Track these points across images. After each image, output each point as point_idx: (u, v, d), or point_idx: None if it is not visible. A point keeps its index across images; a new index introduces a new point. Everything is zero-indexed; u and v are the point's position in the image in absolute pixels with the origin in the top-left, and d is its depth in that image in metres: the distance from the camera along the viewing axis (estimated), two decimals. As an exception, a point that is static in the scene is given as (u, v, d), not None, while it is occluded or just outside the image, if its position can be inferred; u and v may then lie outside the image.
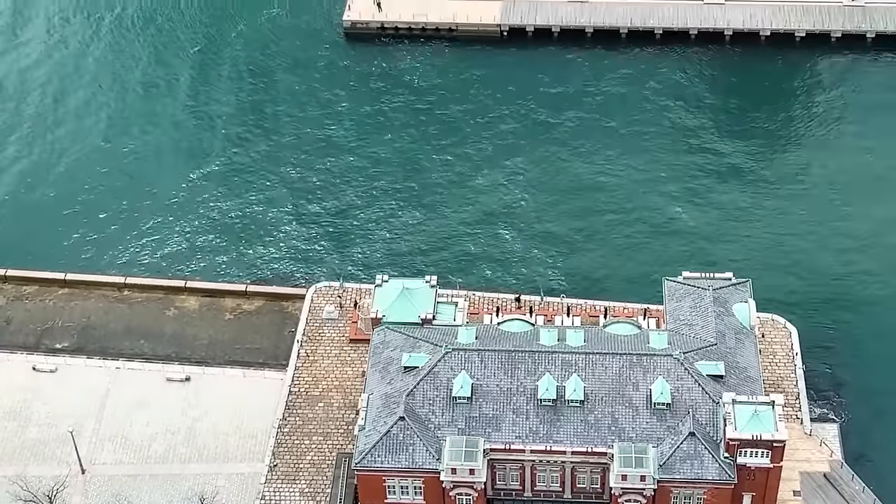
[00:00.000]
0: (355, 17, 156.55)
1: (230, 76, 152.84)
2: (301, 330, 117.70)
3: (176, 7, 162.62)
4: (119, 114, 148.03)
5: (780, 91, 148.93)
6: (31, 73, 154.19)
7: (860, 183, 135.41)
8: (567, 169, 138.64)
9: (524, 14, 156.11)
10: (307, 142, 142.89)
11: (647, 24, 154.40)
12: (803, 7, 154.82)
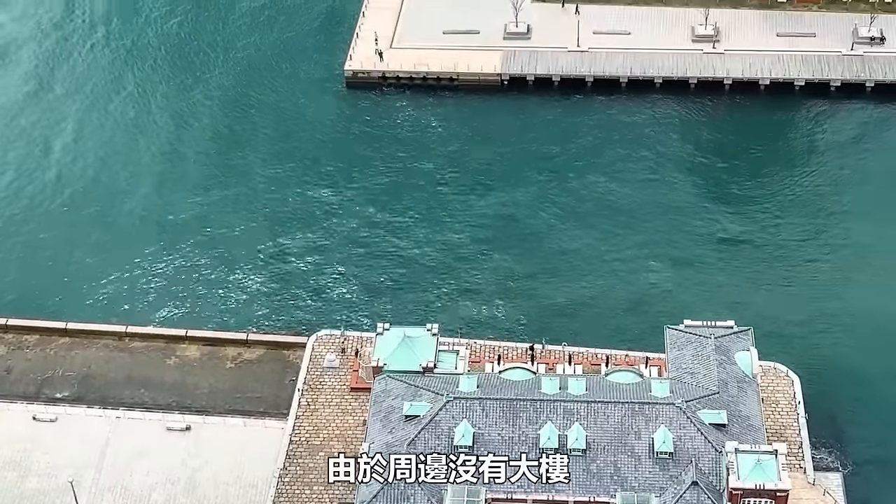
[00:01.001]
0: (357, 67, 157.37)
1: (228, 126, 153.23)
2: (302, 379, 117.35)
3: (177, 52, 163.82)
4: (117, 164, 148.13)
5: (779, 139, 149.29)
6: (21, 117, 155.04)
7: (862, 231, 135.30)
8: (568, 216, 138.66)
9: (524, 64, 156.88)
10: (307, 190, 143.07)
11: (647, 73, 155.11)
12: (802, 56, 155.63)
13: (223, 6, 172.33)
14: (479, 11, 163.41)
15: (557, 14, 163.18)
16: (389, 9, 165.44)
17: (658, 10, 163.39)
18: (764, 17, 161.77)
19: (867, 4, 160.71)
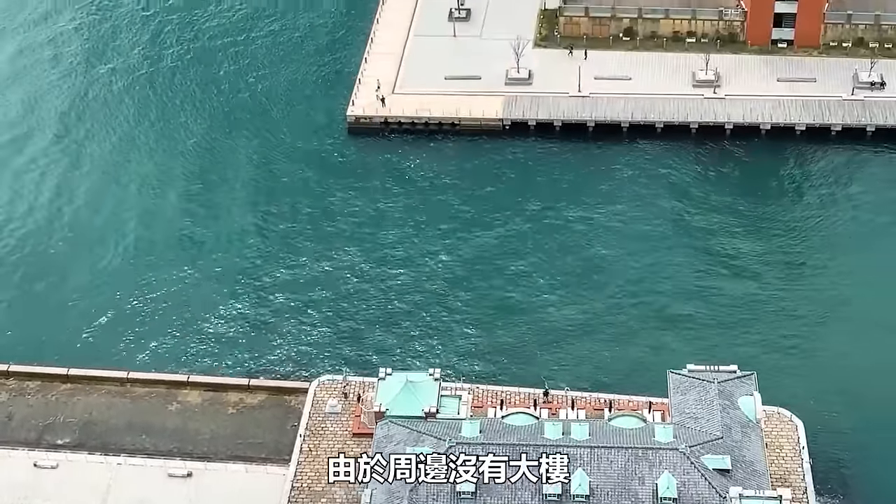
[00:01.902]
0: (359, 113, 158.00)
1: (231, 169, 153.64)
2: (304, 424, 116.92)
3: (176, 96, 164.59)
4: (117, 208, 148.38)
5: (780, 184, 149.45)
6: (11, 159, 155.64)
7: (864, 276, 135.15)
8: (568, 261, 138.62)
9: (526, 108, 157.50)
10: (309, 235, 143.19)
11: (648, 118, 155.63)
12: (803, 101, 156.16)
13: (223, 51, 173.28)
14: (480, 57, 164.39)
15: (559, 60, 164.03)
16: (392, 54, 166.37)
17: (659, 55, 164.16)
18: (764, 62, 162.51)
19: (867, 50, 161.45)
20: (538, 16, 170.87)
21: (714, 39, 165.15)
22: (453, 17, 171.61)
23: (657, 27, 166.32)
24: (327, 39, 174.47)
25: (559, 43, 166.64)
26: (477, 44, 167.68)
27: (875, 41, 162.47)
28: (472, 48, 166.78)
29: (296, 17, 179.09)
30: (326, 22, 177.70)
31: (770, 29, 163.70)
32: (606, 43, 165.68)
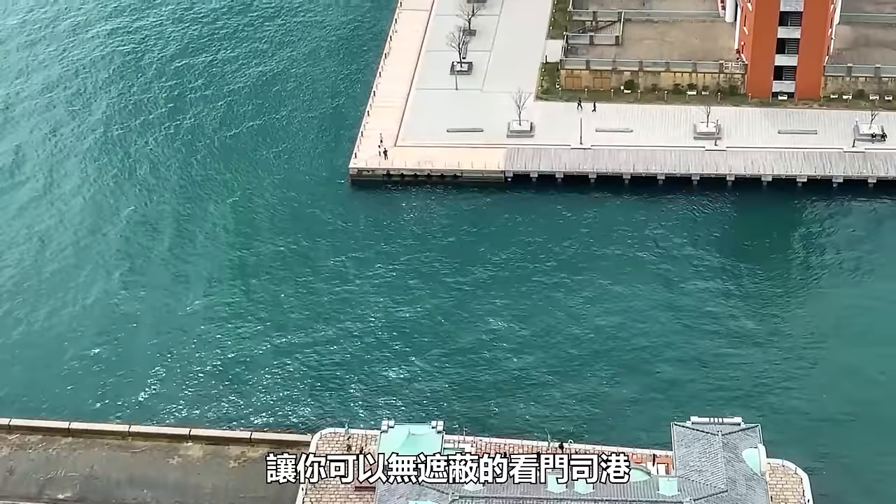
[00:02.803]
0: (361, 165, 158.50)
1: (232, 222, 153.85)
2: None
3: (179, 148, 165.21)
4: (109, 258, 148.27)
5: (782, 236, 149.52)
6: (16, 210, 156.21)
7: (867, 329, 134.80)
8: (571, 311, 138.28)
9: (528, 161, 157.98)
10: (310, 287, 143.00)
11: (650, 170, 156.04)
12: (804, 153, 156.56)
13: (226, 102, 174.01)
14: (482, 110, 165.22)
15: (560, 112, 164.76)
16: (394, 107, 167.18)
17: (660, 108, 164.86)
18: (765, 114, 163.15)
19: (868, 102, 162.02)
20: (539, 69, 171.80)
21: (715, 92, 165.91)
22: (455, 70, 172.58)
23: (658, 80, 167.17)
24: (329, 92, 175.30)
25: (560, 96, 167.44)
26: (479, 97, 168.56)
27: (875, 93, 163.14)
28: (474, 101, 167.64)
29: (298, 69, 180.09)
30: (329, 75, 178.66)
31: (770, 81, 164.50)
32: (608, 95, 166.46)
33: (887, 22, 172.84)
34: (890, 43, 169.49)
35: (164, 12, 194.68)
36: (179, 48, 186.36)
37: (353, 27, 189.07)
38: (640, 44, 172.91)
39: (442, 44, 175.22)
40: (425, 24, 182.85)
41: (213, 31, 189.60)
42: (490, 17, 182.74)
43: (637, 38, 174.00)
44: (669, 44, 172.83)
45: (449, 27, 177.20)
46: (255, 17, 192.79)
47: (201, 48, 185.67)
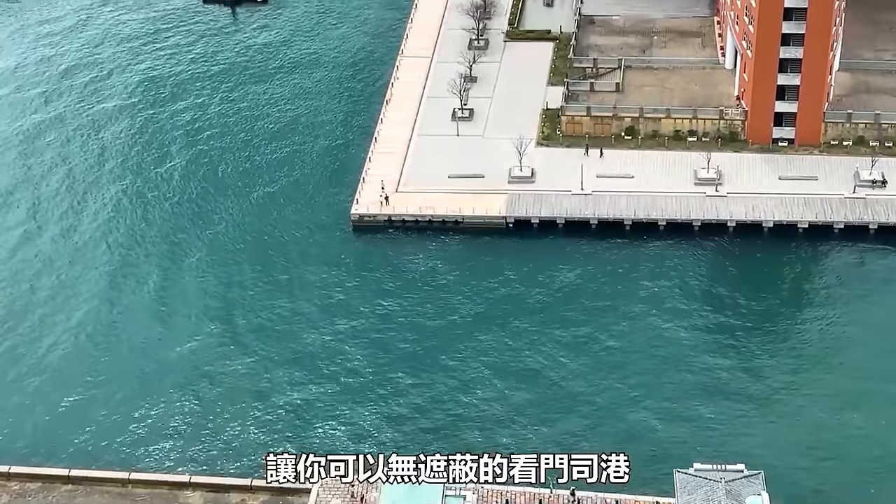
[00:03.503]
0: (363, 211, 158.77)
1: (235, 268, 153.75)
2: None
3: (181, 197, 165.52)
4: (114, 307, 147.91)
5: (783, 282, 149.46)
6: (22, 262, 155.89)
7: (870, 375, 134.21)
8: (571, 357, 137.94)
9: (529, 206, 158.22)
10: (312, 332, 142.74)
11: (651, 215, 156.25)
12: (805, 199, 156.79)
13: (228, 146, 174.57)
14: (483, 156, 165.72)
15: (561, 158, 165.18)
16: (395, 153, 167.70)
17: (660, 154, 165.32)
18: (765, 160, 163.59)
19: (868, 148, 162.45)
20: (540, 115, 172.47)
21: (715, 138, 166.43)
22: (457, 116, 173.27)
23: (658, 126, 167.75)
24: (331, 138, 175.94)
25: (561, 142, 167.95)
26: (480, 143, 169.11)
27: (875, 140, 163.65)
28: (475, 147, 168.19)
29: (300, 115, 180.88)
30: (330, 120, 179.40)
31: (771, 128, 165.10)
32: (608, 142, 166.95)
33: (886, 69, 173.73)
34: (889, 89, 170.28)
35: (170, 57, 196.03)
36: (180, 92, 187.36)
37: (355, 73, 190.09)
38: (640, 90, 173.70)
39: (443, 90, 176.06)
40: (427, 71, 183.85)
41: (215, 78, 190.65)
42: (491, 63, 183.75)
43: (637, 84, 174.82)
44: (670, 90, 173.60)
45: (450, 74, 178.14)
46: (257, 64, 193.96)
47: (202, 94, 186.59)
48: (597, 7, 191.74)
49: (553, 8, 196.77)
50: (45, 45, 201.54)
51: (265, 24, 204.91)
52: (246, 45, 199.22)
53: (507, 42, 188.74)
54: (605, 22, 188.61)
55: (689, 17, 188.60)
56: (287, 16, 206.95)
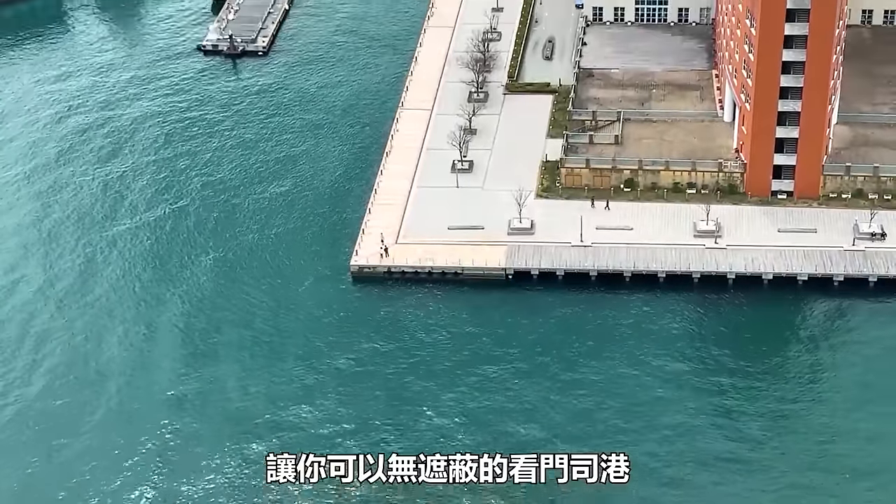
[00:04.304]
0: (363, 262, 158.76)
1: (234, 319, 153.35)
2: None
3: (179, 247, 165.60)
4: (114, 367, 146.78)
5: (783, 336, 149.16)
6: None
7: (873, 435, 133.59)
8: (568, 411, 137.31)
9: (528, 258, 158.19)
10: (313, 386, 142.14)
11: (650, 267, 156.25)
12: (804, 251, 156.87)
13: (228, 197, 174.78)
14: (483, 207, 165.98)
15: (561, 210, 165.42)
16: (395, 205, 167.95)
17: (660, 206, 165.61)
18: (764, 212, 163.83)
19: (867, 201, 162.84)
20: (540, 167, 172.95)
21: (714, 190, 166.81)
22: (456, 168, 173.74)
23: (658, 178, 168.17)
24: (331, 189, 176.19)
25: (561, 194, 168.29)
26: (480, 194, 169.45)
27: (874, 192, 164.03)
28: (474, 199, 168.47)
29: (300, 167, 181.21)
30: (331, 172, 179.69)
31: (770, 180, 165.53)
32: (608, 194, 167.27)
33: (885, 122, 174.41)
34: (888, 143, 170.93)
35: (169, 107, 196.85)
36: (177, 142, 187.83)
37: (355, 125, 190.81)
38: (639, 143, 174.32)
39: (443, 142, 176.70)
40: (427, 123, 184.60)
41: (214, 129, 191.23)
42: (491, 116, 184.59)
43: (636, 137, 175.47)
44: (668, 143, 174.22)
45: (450, 126, 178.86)
46: (257, 116, 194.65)
47: (199, 145, 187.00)
48: (596, 60, 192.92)
49: (552, 61, 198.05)
50: (42, 93, 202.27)
51: (265, 76, 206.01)
52: (245, 96, 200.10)
53: (506, 95, 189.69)
54: (604, 75, 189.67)
55: (688, 71, 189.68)
56: (287, 68, 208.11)
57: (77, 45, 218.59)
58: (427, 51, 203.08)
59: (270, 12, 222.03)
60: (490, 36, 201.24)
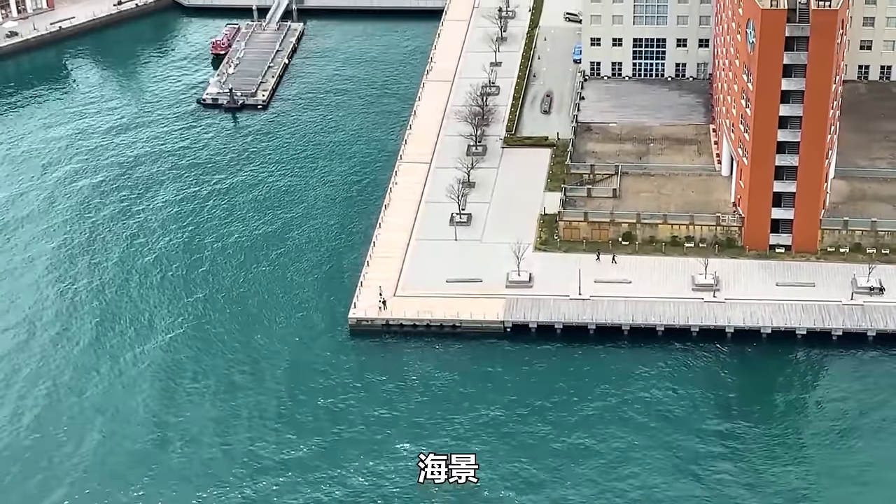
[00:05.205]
0: (361, 315, 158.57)
1: (233, 375, 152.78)
2: None
3: (177, 300, 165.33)
4: (117, 435, 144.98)
5: (782, 390, 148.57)
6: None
7: (868, 487, 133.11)
8: (570, 464, 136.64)
9: (527, 311, 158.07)
10: (313, 442, 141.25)
11: (649, 321, 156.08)
12: (802, 305, 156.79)
13: (220, 252, 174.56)
14: (481, 260, 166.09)
15: (559, 263, 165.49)
16: (393, 257, 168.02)
17: (658, 259, 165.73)
18: (763, 266, 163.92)
19: (865, 255, 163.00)
20: (538, 220, 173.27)
21: (712, 244, 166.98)
22: (455, 221, 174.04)
23: (656, 232, 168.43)
24: (330, 242, 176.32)
25: (559, 247, 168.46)
26: (478, 247, 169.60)
27: (872, 247, 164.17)
28: (473, 252, 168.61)
29: (299, 219, 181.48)
30: (329, 224, 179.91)
31: (768, 234, 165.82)
32: (606, 247, 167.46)
33: (882, 176, 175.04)
34: (885, 197, 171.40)
35: (169, 161, 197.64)
36: (178, 195, 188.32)
37: (354, 178, 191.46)
38: (637, 196, 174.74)
39: (442, 195, 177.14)
40: (425, 176, 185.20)
41: (213, 182, 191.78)
42: (489, 169, 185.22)
43: (634, 190, 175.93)
44: (667, 196, 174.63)
45: (448, 179, 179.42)
46: (255, 168, 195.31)
47: (199, 197, 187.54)
48: (594, 114, 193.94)
49: (550, 115, 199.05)
50: (41, 144, 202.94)
51: (264, 129, 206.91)
52: (244, 149, 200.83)
53: (504, 148, 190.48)
54: (602, 129, 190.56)
55: (685, 125, 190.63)
56: (287, 121, 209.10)
57: (77, 98, 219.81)
58: (426, 104, 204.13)
59: (270, 66, 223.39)
60: (489, 90, 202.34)
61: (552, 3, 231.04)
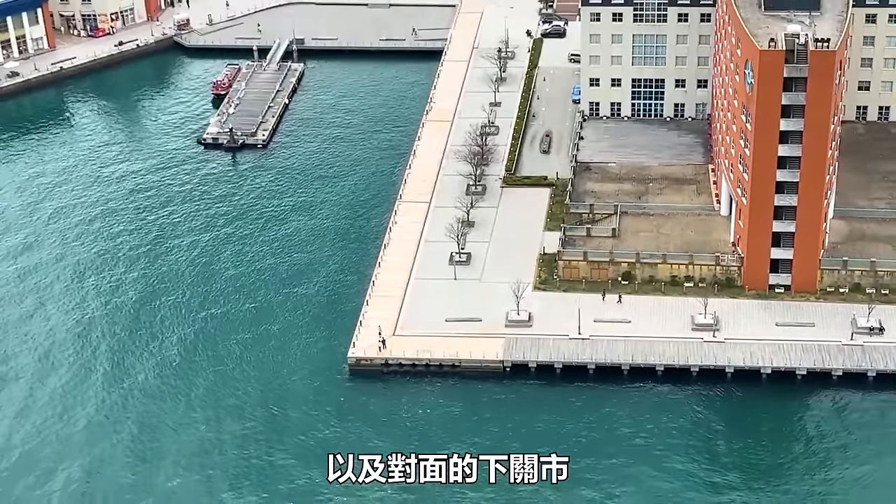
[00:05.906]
0: (360, 355, 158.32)
1: (234, 415, 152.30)
2: None
3: (174, 336, 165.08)
4: (113, 477, 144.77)
5: (782, 431, 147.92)
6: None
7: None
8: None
9: (526, 351, 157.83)
10: (312, 483, 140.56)
11: (648, 361, 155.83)
12: (802, 345, 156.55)
13: (218, 293, 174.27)
14: (480, 300, 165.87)
15: (558, 302, 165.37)
16: (393, 297, 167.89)
17: (657, 299, 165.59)
18: (762, 306, 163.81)
19: (864, 295, 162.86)
20: (537, 259, 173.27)
21: (712, 284, 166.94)
22: (454, 260, 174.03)
23: (655, 271, 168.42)
24: (328, 282, 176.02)
25: (558, 286, 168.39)
26: (477, 287, 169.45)
27: (872, 287, 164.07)
28: (472, 291, 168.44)
29: (297, 258, 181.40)
30: (328, 264, 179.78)
31: (767, 274, 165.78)
32: (606, 286, 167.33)
33: (881, 216, 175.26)
34: (885, 237, 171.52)
35: (167, 201, 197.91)
36: (174, 236, 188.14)
37: (353, 217, 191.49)
38: (636, 236, 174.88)
39: (441, 234, 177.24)
40: (424, 216, 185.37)
41: (211, 222, 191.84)
42: (489, 209, 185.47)
43: (633, 230, 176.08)
44: (666, 236, 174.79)
45: (448, 218, 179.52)
46: (254, 208, 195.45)
47: (197, 238, 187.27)
48: (593, 154, 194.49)
49: (549, 155, 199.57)
50: (40, 185, 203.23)
51: (264, 169, 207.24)
52: (244, 189, 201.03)
53: (504, 188, 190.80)
54: (601, 168, 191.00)
55: (684, 165, 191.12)
56: (286, 161, 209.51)
57: (77, 138, 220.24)
58: (425, 144, 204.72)
59: (270, 106, 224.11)
60: (488, 130, 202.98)
61: (551, 44, 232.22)
